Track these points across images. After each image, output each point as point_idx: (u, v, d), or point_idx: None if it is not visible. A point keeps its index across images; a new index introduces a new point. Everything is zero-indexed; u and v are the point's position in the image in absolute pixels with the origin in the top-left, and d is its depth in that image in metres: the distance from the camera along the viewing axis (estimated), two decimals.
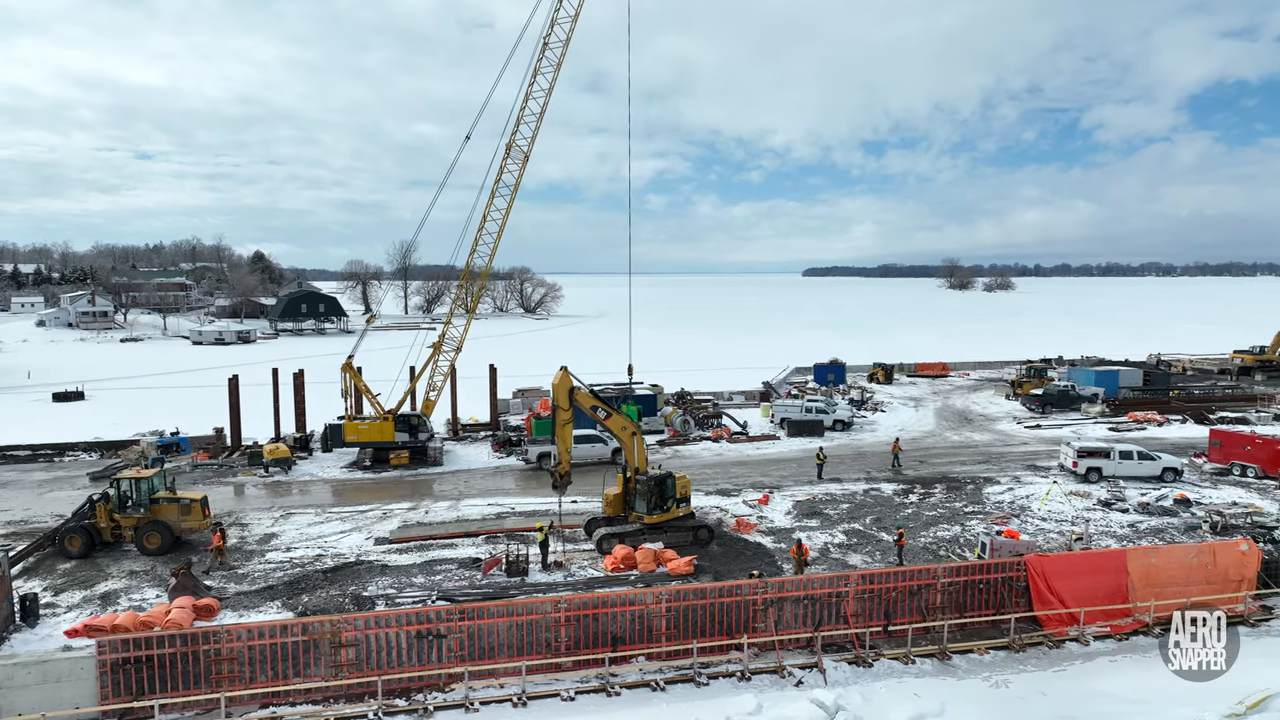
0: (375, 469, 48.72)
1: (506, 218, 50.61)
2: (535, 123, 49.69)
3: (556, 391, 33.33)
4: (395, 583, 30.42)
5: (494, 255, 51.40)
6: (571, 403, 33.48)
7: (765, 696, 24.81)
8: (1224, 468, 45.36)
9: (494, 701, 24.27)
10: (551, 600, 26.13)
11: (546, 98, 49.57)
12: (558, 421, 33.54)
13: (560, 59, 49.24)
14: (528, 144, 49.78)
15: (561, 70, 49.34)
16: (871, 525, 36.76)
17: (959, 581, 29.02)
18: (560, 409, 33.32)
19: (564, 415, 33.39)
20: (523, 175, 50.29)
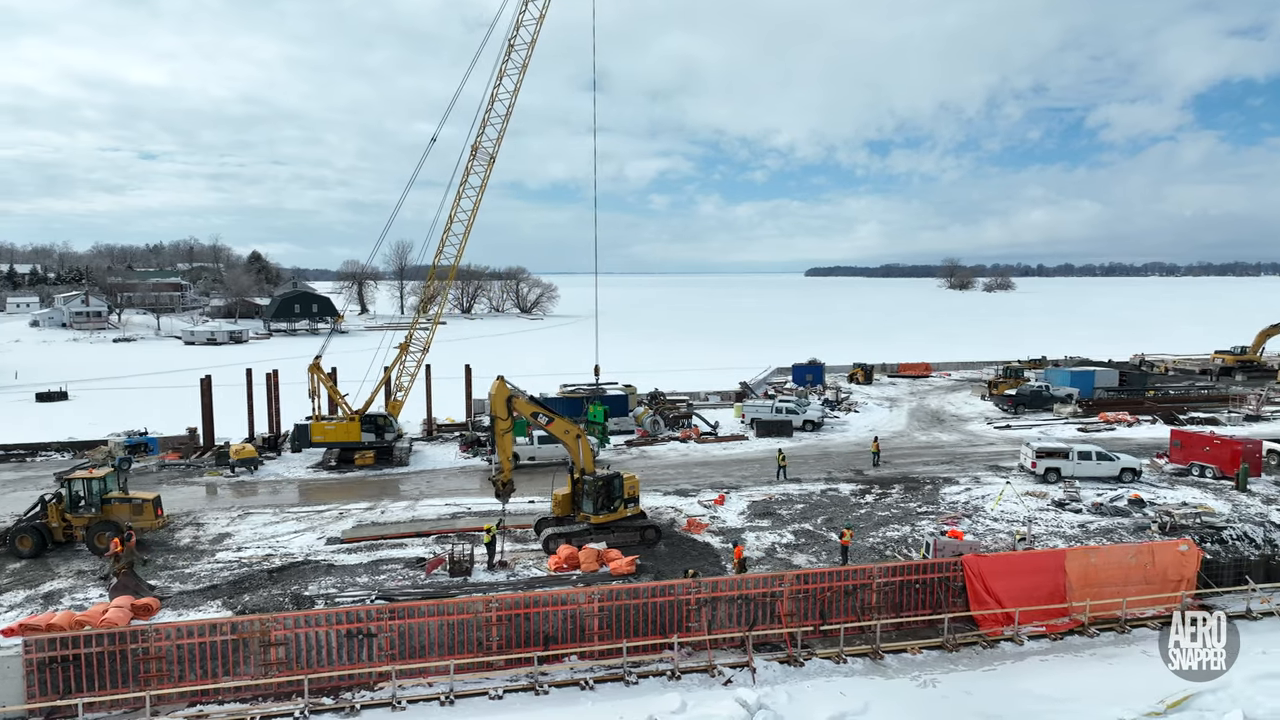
0: (340, 469, 48.97)
1: (473, 218, 50.82)
2: (501, 125, 49.91)
3: (494, 401, 33.53)
4: (338, 582, 30.65)
5: (460, 255, 51.56)
6: (511, 411, 33.66)
7: (692, 695, 25.04)
8: (1184, 468, 45.47)
9: (422, 700, 24.51)
10: (483, 600, 26.36)
11: (512, 99, 49.79)
12: (496, 431, 33.77)
13: (526, 61, 49.46)
14: (493, 146, 49.99)
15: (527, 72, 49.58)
16: (822, 526, 36.94)
17: (895, 581, 29.22)
18: (498, 418, 33.54)
19: (502, 425, 33.60)
20: (489, 177, 50.52)
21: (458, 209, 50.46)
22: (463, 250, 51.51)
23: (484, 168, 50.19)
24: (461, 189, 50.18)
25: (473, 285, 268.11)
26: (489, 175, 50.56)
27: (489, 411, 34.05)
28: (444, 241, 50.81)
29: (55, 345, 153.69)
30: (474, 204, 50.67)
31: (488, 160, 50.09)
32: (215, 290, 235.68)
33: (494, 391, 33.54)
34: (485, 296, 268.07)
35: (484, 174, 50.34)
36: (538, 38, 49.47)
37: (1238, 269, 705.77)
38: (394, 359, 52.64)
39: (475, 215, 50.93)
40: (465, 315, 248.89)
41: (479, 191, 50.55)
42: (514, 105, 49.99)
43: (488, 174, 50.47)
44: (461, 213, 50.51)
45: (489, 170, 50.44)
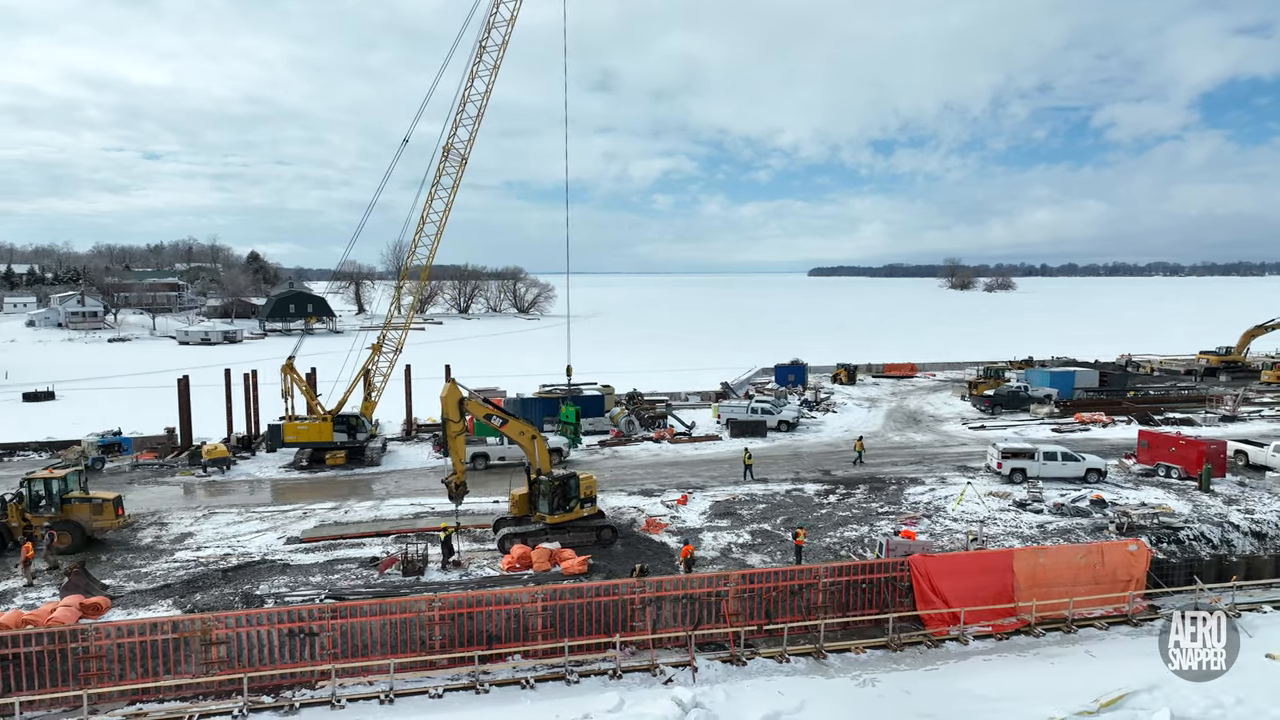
0: (311, 469, 49.21)
1: (445, 219, 50.99)
2: (473, 126, 50.08)
3: (445, 403, 33.69)
4: (291, 582, 30.85)
5: (433, 256, 51.71)
6: (463, 413, 33.84)
7: (631, 694, 25.23)
8: (1151, 469, 45.55)
9: (362, 699, 24.70)
10: (425, 599, 26.55)
11: (484, 101, 49.96)
12: (449, 433, 33.93)
13: (497, 62, 49.58)
14: (465, 147, 50.17)
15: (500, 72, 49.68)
16: (781, 526, 37.08)
17: (841, 581, 29.38)
18: (450, 420, 33.69)
19: (454, 427, 33.76)
20: (460, 178, 50.68)
21: (430, 210, 50.65)
22: (435, 251, 51.69)
23: (456, 169, 50.36)
24: (434, 190, 50.38)
25: (470, 285, 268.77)
26: (461, 176, 50.72)
27: (441, 413, 34.17)
28: (416, 242, 51.01)
29: (50, 345, 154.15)
30: (446, 205, 50.85)
31: (459, 161, 50.26)
32: (212, 290, 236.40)
33: (445, 393, 33.72)
34: (483, 296, 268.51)
35: (456, 175, 50.50)
36: (509, 39, 49.63)
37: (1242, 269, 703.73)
38: (366, 359, 52.77)
39: (448, 216, 51.11)
40: (462, 315, 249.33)
41: (451, 192, 50.71)
42: (485, 107, 50.14)
43: (460, 175, 50.64)
44: (434, 214, 50.69)
45: (461, 171, 50.61)
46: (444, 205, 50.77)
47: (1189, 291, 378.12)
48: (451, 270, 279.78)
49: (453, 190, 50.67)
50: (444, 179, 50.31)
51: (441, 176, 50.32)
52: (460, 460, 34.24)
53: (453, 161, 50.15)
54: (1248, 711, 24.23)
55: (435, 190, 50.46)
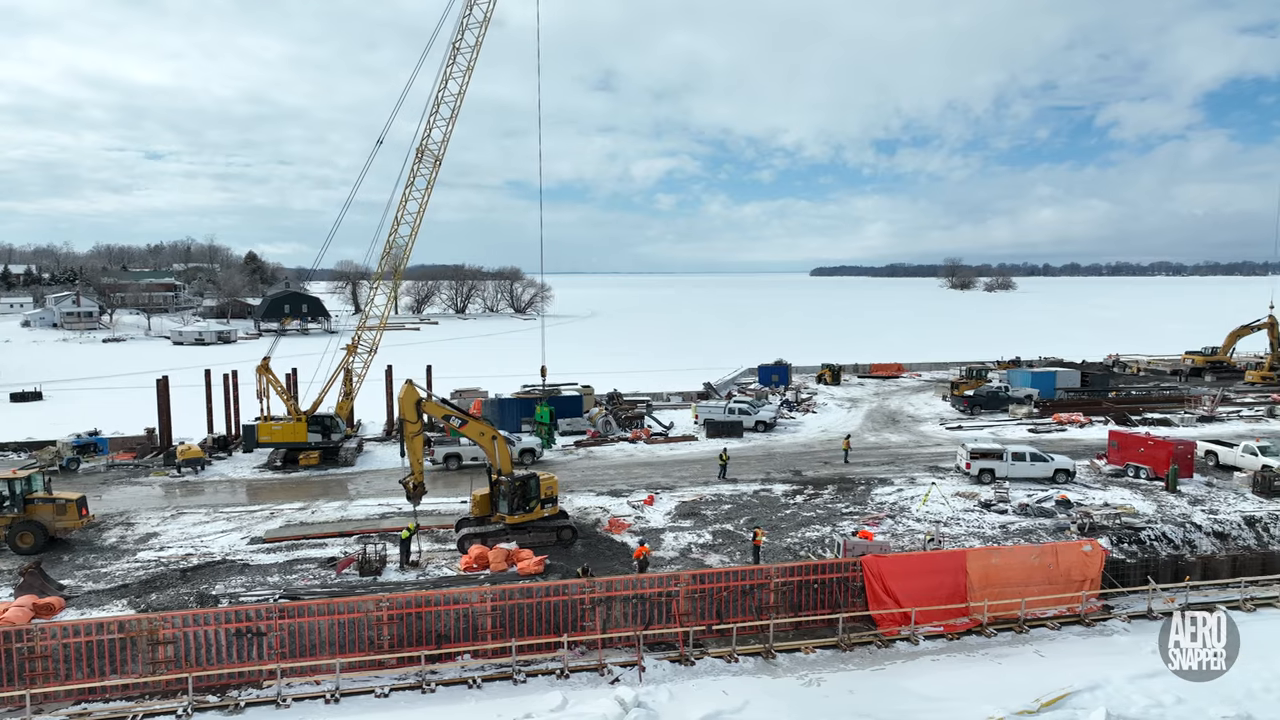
0: (285, 469, 49.37)
1: (419, 220, 51.11)
2: (447, 127, 50.22)
3: (402, 404, 33.82)
4: (249, 582, 31.01)
5: (407, 258, 51.89)
6: (420, 414, 33.99)
7: (576, 693, 25.39)
8: (1121, 469, 45.60)
9: (308, 698, 24.87)
10: (373, 599, 26.70)
11: (458, 102, 50.13)
12: (406, 434, 34.10)
13: (471, 63, 49.76)
14: (439, 148, 50.30)
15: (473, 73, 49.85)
16: (743, 526, 37.19)
17: (793, 582, 29.50)
18: (408, 421, 33.83)
19: (412, 428, 33.90)
20: (435, 179, 50.83)
21: (404, 211, 50.78)
22: (410, 252, 51.86)
23: (430, 170, 50.50)
24: (408, 191, 50.51)
25: (466, 285, 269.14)
26: (435, 177, 50.87)
27: (398, 414, 34.29)
28: (390, 244, 51.14)
29: (44, 345, 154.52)
30: (420, 206, 50.98)
31: (433, 162, 50.40)
32: (209, 291, 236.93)
33: (402, 395, 33.86)
34: (479, 296, 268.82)
35: (430, 176, 50.65)
36: (483, 40, 49.81)
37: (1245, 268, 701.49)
38: (341, 360, 52.90)
39: (422, 217, 51.24)
40: (459, 315, 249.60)
41: (425, 193, 50.86)
42: (459, 108, 50.32)
43: (434, 176, 50.78)
44: (408, 215, 50.81)
45: (435, 172, 50.74)
46: (418, 206, 50.91)
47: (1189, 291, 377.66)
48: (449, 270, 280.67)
49: (427, 191, 50.82)
50: (418, 180, 50.48)
51: (416, 178, 50.49)
52: (418, 461, 34.39)
53: (426, 163, 50.29)
54: (1187, 711, 24.36)
55: (409, 191, 50.61)
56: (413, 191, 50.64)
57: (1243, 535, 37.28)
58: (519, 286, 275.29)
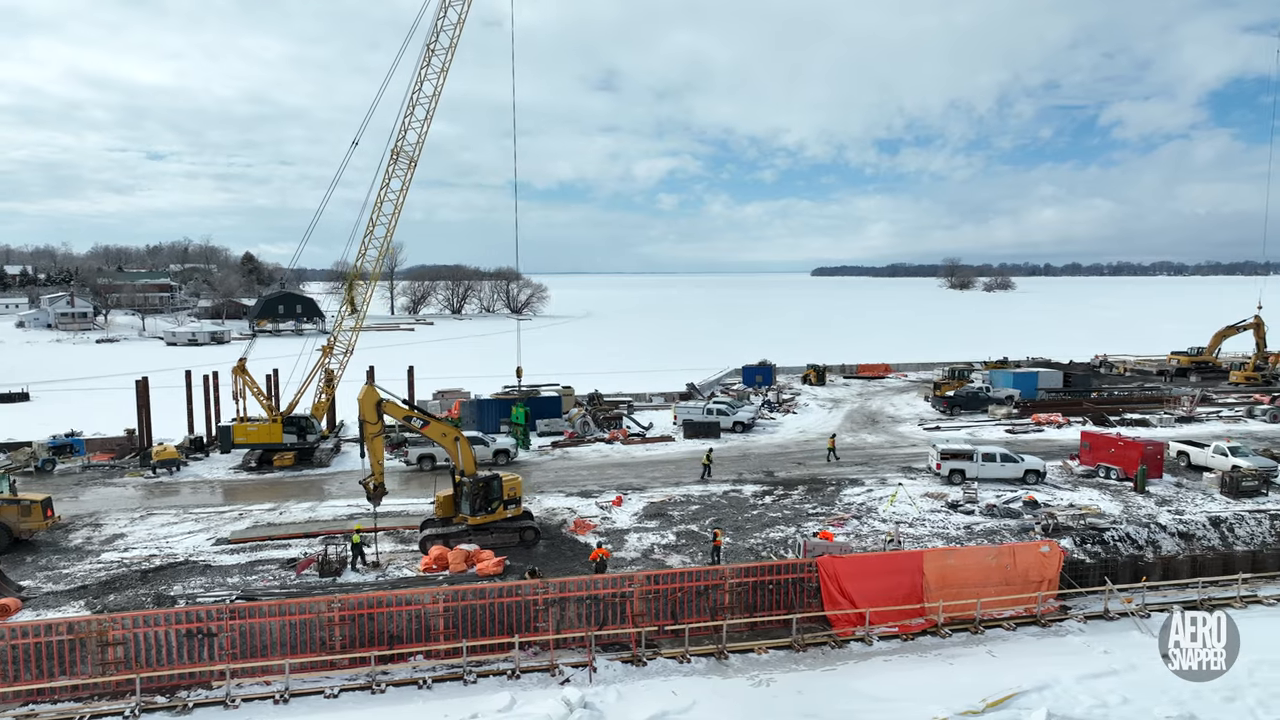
0: (260, 470, 49.48)
1: (395, 221, 51.18)
2: (422, 128, 50.31)
3: (362, 405, 33.91)
4: (208, 583, 31.11)
5: (382, 258, 51.93)
6: (381, 415, 34.08)
7: (524, 694, 25.50)
8: (1092, 469, 45.65)
9: (257, 698, 24.97)
10: (325, 600, 26.80)
11: (432, 104, 50.22)
12: (366, 435, 34.19)
13: (446, 65, 49.83)
14: (414, 150, 50.39)
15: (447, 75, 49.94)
16: (708, 527, 37.24)
17: (748, 583, 29.58)
18: (368, 422, 33.92)
19: (372, 428, 33.99)
20: (410, 180, 50.89)
21: (379, 213, 50.87)
22: (384, 253, 51.91)
23: (405, 171, 50.58)
24: (382, 193, 50.59)
25: (463, 286, 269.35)
26: (410, 178, 50.91)
27: (359, 415, 34.42)
28: (365, 245, 51.22)
29: (38, 346, 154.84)
30: (396, 207, 51.07)
31: (408, 164, 50.47)
32: (204, 291, 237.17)
33: (362, 396, 33.94)
34: (476, 297, 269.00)
35: (405, 178, 50.72)
36: (458, 42, 49.95)
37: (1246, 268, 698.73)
38: (316, 361, 52.99)
39: (397, 218, 51.31)
40: (455, 315, 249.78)
41: (400, 195, 50.93)
42: (434, 110, 50.41)
43: (409, 177, 50.81)
44: (383, 216, 50.89)
45: (410, 173, 50.78)
46: (393, 208, 51.01)
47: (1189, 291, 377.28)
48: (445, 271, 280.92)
49: (402, 193, 50.86)
50: (393, 181, 50.56)
51: (391, 179, 50.57)
52: (379, 462, 34.49)
53: (401, 164, 50.38)
54: (1132, 711, 24.45)
55: (384, 193, 50.70)
56: (388, 193, 50.77)
57: (1207, 536, 37.33)
58: (515, 287, 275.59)
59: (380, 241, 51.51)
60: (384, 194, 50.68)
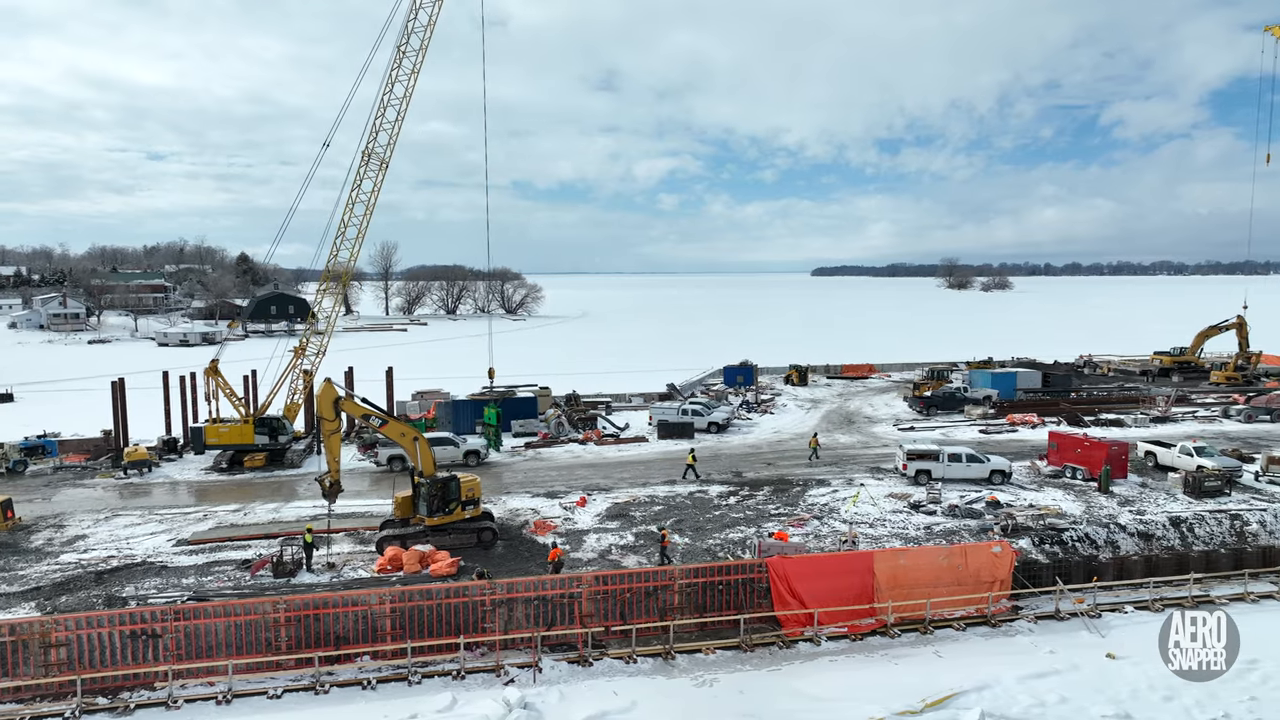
0: (231, 471, 49.55)
1: (366, 222, 51.28)
2: (393, 129, 50.42)
3: (320, 403, 34.03)
4: (162, 584, 31.20)
5: (355, 259, 52.03)
6: (338, 412, 34.19)
7: (467, 694, 25.62)
8: (1059, 470, 45.74)
9: (200, 699, 25.08)
10: (270, 601, 26.90)
11: (403, 105, 50.32)
12: (324, 432, 34.32)
13: (416, 67, 49.91)
14: (385, 151, 50.49)
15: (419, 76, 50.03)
16: (669, 527, 37.31)
17: (698, 583, 29.69)
18: (325, 419, 34.05)
19: (329, 425, 34.12)
20: (382, 181, 50.97)
21: (350, 214, 50.95)
22: (356, 255, 52.01)
23: (376, 172, 50.67)
24: (354, 194, 50.67)
25: (457, 286, 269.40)
26: (382, 180, 51.00)
27: (316, 413, 34.52)
28: (337, 246, 51.30)
29: (29, 347, 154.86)
30: (367, 208, 51.16)
31: (379, 166, 50.56)
32: (198, 292, 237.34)
33: (320, 393, 34.08)
34: (470, 297, 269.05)
35: (376, 179, 50.81)
36: (428, 44, 50.06)
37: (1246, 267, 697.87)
38: (289, 363, 53.07)
39: (369, 219, 51.41)
40: (450, 316, 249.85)
41: (372, 196, 51.01)
42: (405, 111, 50.53)
43: (380, 179, 50.91)
44: (354, 217, 50.97)
45: (382, 175, 50.87)
46: (365, 209, 51.10)
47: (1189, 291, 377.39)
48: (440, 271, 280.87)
49: (373, 194, 50.94)
50: (364, 183, 50.64)
51: (363, 180, 50.66)
52: (335, 459, 34.64)
53: (372, 166, 50.46)
54: (1068, 710, 24.56)
55: (356, 194, 50.78)
56: (359, 194, 50.85)
57: (1167, 536, 37.45)
58: (510, 287, 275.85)
59: (352, 243, 51.65)
60: (355, 195, 50.80)
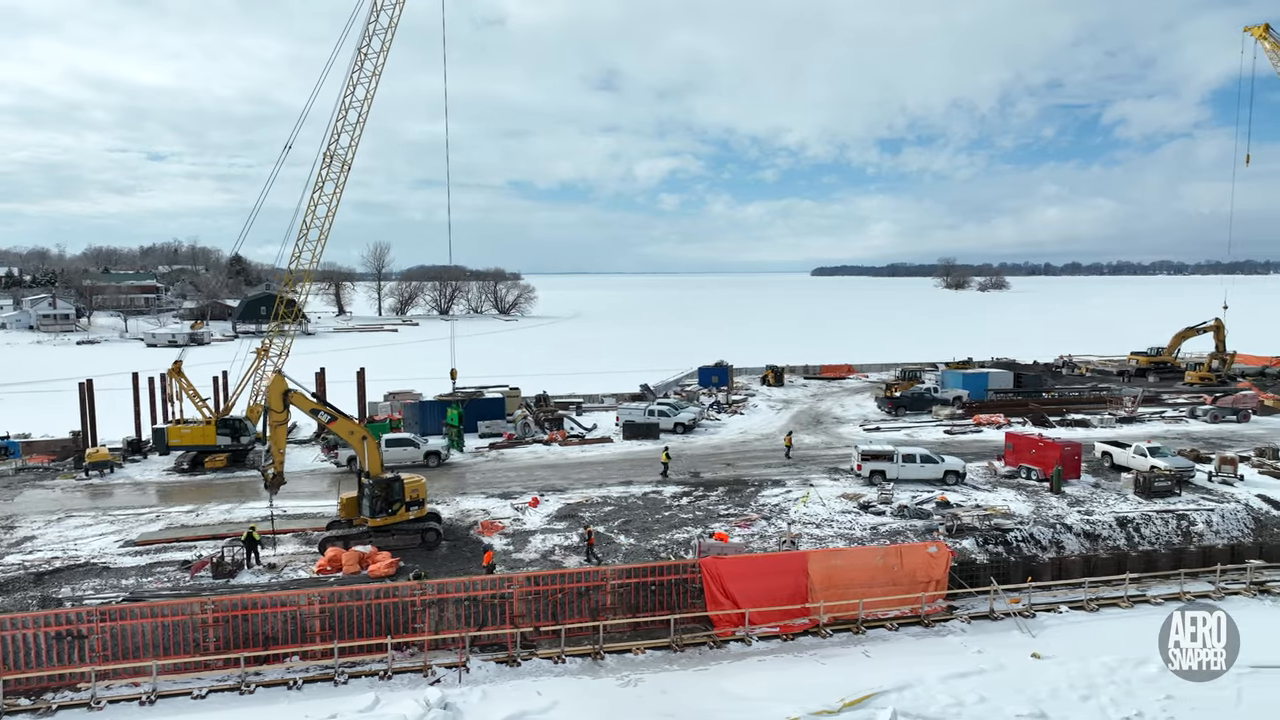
0: (192, 472, 49.69)
1: (329, 223, 51.39)
2: (355, 131, 50.57)
3: (270, 394, 34.25)
4: (101, 585, 31.31)
5: (316, 260, 52.14)
6: (287, 404, 34.38)
7: (390, 694, 25.78)
8: (1015, 470, 45.86)
9: (124, 700, 25.23)
10: (199, 601, 27.04)
11: (366, 107, 50.47)
12: (270, 423, 34.50)
13: (378, 69, 50.07)
14: (347, 152, 50.64)
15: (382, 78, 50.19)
16: (616, 528, 37.51)
17: (630, 584, 29.82)
18: (273, 411, 34.25)
19: (277, 417, 34.32)
20: (344, 182, 51.13)
21: (313, 216, 51.09)
22: (318, 256, 52.12)
23: (338, 173, 50.82)
24: (317, 196, 50.82)
25: (450, 287, 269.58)
26: (344, 181, 51.16)
27: (264, 404, 34.77)
28: (299, 247, 51.44)
29: (17, 348, 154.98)
30: (329, 210, 51.31)
31: (341, 167, 50.71)
32: (189, 292, 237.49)
33: (271, 384, 34.33)
34: (464, 298, 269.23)
35: (339, 180, 50.97)
36: (389, 47, 50.23)
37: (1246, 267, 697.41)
38: (252, 364, 53.21)
39: (331, 220, 51.56)
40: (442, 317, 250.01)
41: (334, 197, 51.17)
42: (367, 113, 50.70)
43: (342, 180, 51.07)
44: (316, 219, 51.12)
45: (344, 176, 51.03)
46: (327, 210, 51.25)
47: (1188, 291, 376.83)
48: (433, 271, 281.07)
49: (335, 195, 51.13)
50: (326, 184, 50.79)
51: (325, 182, 50.81)
52: (279, 451, 34.90)
53: (334, 167, 50.61)
54: (985, 710, 24.71)
55: (318, 195, 50.93)
56: (321, 196, 51.01)
57: (1113, 536, 37.61)
58: (503, 288, 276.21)
59: (314, 243, 51.79)
60: (318, 196, 50.96)
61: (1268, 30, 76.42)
